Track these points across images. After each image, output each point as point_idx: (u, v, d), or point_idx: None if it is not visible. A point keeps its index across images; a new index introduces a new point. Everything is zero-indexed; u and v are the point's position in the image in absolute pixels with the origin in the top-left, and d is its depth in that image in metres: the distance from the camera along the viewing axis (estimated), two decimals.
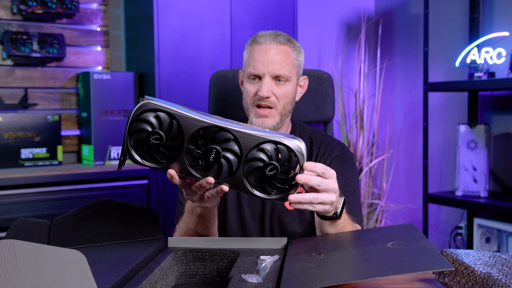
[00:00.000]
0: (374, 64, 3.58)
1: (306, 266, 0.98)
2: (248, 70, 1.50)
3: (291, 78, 1.51)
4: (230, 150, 1.07)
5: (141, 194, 2.64)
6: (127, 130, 1.07)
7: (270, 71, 1.47)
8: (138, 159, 1.09)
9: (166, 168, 1.09)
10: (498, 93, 2.94)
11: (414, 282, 1.08)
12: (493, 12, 2.95)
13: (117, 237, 1.21)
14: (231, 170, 1.08)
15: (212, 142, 1.07)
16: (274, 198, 1.10)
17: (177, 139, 1.07)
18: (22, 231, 1.18)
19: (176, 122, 1.06)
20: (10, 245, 0.77)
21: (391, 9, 3.59)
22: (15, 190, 2.36)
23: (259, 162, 1.07)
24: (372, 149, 3.44)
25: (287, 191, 1.09)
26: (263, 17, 2.96)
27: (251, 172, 1.08)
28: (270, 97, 1.47)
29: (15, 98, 2.77)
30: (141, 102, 1.07)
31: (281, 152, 1.08)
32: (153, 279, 1.02)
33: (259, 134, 1.07)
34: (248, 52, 1.52)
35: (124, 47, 3.08)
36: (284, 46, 1.50)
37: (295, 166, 1.08)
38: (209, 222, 1.31)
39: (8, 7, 2.73)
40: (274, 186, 1.09)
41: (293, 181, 1.09)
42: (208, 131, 1.07)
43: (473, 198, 2.78)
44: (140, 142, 1.08)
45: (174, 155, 1.08)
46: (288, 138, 1.08)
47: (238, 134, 1.07)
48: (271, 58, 1.47)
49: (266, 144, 1.07)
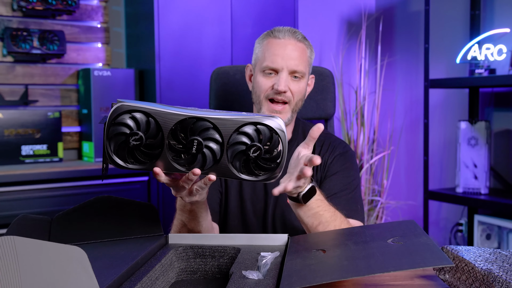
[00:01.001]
0: (375, 61, 3.57)
1: (307, 262, 0.98)
2: (264, 64, 1.49)
3: (305, 75, 1.52)
4: (211, 138, 1.07)
5: (141, 191, 2.64)
6: (105, 136, 1.06)
7: (289, 66, 1.47)
8: (121, 163, 1.08)
9: (150, 167, 1.08)
10: (499, 90, 2.93)
11: (415, 278, 1.08)
12: (494, 8, 2.95)
13: (117, 233, 1.22)
14: (215, 159, 1.08)
15: (192, 134, 1.06)
16: (262, 179, 1.10)
17: (156, 137, 1.06)
18: (22, 227, 1.18)
19: (153, 119, 1.06)
20: (11, 241, 0.77)
21: (392, 6, 3.59)
22: (16, 187, 2.36)
23: (242, 146, 1.07)
24: (372, 146, 3.44)
25: (274, 170, 1.10)
26: (264, 14, 2.95)
27: (235, 157, 1.08)
28: (287, 92, 1.47)
29: (15, 95, 2.77)
30: (115, 106, 1.06)
31: (262, 132, 1.08)
32: (154, 275, 1.02)
33: (237, 118, 1.07)
34: (263, 46, 1.52)
35: (124, 44, 3.08)
36: (301, 43, 1.51)
37: (278, 144, 1.09)
38: (200, 216, 1.31)
39: (8, 4, 2.73)
40: (260, 167, 1.09)
41: (278, 159, 1.09)
42: (186, 123, 1.06)
43: (474, 195, 2.78)
44: (121, 146, 1.07)
45: (156, 153, 1.07)
46: (266, 117, 1.08)
47: (217, 121, 1.07)
48: (289, 54, 1.47)
49: (245, 127, 1.07)
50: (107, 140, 1.07)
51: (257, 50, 1.54)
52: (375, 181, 3.47)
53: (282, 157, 1.09)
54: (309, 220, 1.29)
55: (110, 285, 0.89)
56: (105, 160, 1.09)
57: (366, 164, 3.34)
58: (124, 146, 1.07)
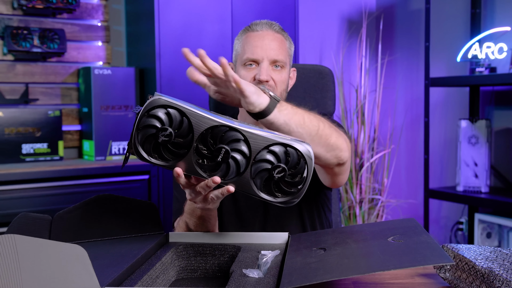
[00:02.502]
0: (375, 59, 3.57)
1: (307, 261, 0.98)
2: (245, 56, 1.50)
3: (286, 65, 1.52)
4: (239, 150, 1.06)
5: (142, 190, 2.64)
6: (135, 126, 1.06)
7: (269, 56, 1.48)
8: (145, 155, 1.07)
9: (172, 166, 1.07)
10: (500, 88, 2.93)
11: (415, 277, 1.08)
12: (495, 7, 2.94)
13: (118, 232, 1.22)
14: (239, 171, 1.07)
15: (221, 142, 1.06)
16: (279, 202, 1.09)
17: (186, 137, 1.06)
18: (23, 226, 1.18)
19: (186, 119, 1.05)
20: (11, 240, 0.77)
21: (392, 4, 3.58)
22: (16, 185, 2.36)
23: (268, 164, 1.07)
24: (373, 144, 3.44)
25: (294, 195, 1.09)
26: (264, 12, 2.95)
27: (258, 173, 1.07)
28: (269, 81, 1.47)
29: (16, 93, 2.77)
30: (152, 98, 1.05)
31: (290, 155, 1.07)
32: (154, 274, 1.02)
33: (269, 136, 1.07)
34: (242, 40, 1.53)
35: (125, 42, 3.08)
36: (279, 34, 1.52)
37: (303, 170, 1.07)
38: (209, 223, 1.30)
39: (8, 2, 2.73)
40: (280, 189, 1.08)
41: (299, 185, 1.08)
42: (218, 130, 1.06)
43: (474, 193, 2.78)
44: (148, 139, 1.06)
45: (181, 153, 1.07)
46: (297, 141, 1.08)
47: (248, 135, 1.06)
48: (268, 44, 1.48)
49: (275, 146, 1.07)
50: (136, 130, 1.06)
51: (237, 46, 1.56)
52: (375, 180, 3.47)
53: (304, 183, 1.08)
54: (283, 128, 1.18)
55: (111, 283, 0.89)
56: (130, 149, 1.08)
57: (366, 162, 3.34)
58: (151, 139, 1.06)
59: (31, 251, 0.78)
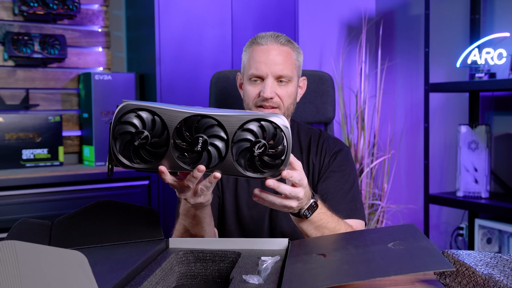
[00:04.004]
0: (375, 65, 3.58)
1: (307, 267, 0.98)
2: (250, 72, 1.49)
3: (293, 78, 1.51)
4: (216, 136, 1.07)
5: (142, 195, 2.64)
6: (111, 135, 1.07)
7: (273, 72, 1.47)
8: (126, 163, 1.08)
9: (156, 166, 1.08)
10: (499, 94, 2.93)
11: (415, 283, 1.08)
12: (494, 12, 2.95)
13: (118, 238, 1.22)
14: (221, 156, 1.08)
15: (197, 132, 1.07)
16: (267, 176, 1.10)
17: (162, 135, 1.07)
18: (23, 232, 1.18)
19: (158, 118, 1.06)
20: (11, 246, 0.77)
21: (392, 10, 3.59)
22: (16, 191, 2.36)
23: (247, 143, 1.08)
24: (373, 149, 3.44)
25: (279, 166, 1.10)
26: (264, 18, 2.96)
27: (240, 154, 1.08)
28: (274, 97, 1.47)
29: (16, 99, 2.78)
30: (121, 105, 1.06)
31: (266, 129, 1.08)
32: (154, 280, 1.02)
33: (242, 114, 1.08)
34: (248, 53, 1.52)
35: (125, 48, 3.08)
36: (285, 46, 1.50)
37: (282, 140, 1.09)
38: (204, 222, 1.30)
39: (9, 8, 2.73)
40: (265, 164, 1.10)
41: (282, 155, 1.09)
42: (191, 121, 1.07)
43: (474, 198, 2.78)
44: (126, 145, 1.07)
45: (161, 152, 1.08)
46: (269, 114, 1.10)
47: (221, 118, 1.07)
48: (273, 59, 1.47)
49: (250, 124, 1.08)
50: (113, 139, 1.07)
51: (244, 58, 1.55)
52: (375, 185, 3.47)
53: (286, 153, 1.10)
54: (313, 232, 1.28)
55: None
56: (111, 161, 1.09)
57: (366, 168, 3.34)
58: (129, 145, 1.07)
59: (31, 257, 0.78)
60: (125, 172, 2.57)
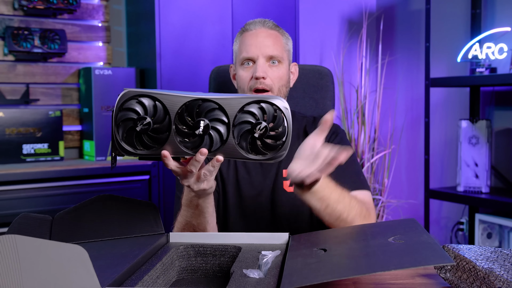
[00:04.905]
0: (376, 60, 3.57)
1: (308, 261, 0.98)
2: (241, 56, 1.54)
3: (283, 60, 1.55)
4: (217, 119, 1.08)
5: (142, 190, 2.64)
6: (113, 122, 1.07)
7: (264, 53, 1.51)
8: (129, 149, 1.08)
9: (158, 152, 1.09)
10: (500, 89, 2.93)
11: (416, 277, 1.08)
12: (495, 7, 2.94)
13: (118, 232, 1.22)
14: (222, 139, 1.09)
15: (198, 116, 1.07)
16: (269, 158, 1.11)
17: (163, 121, 1.07)
18: (23, 226, 1.18)
19: (160, 103, 1.07)
20: (12, 240, 0.77)
21: (393, 5, 3.58)
22: (17, 186, 2.36)
23: (247, 125, 1.09)
24: (373, 144, 3.44)
25: (280, 147, 1.11)
26: (265, 13, 2.95)
27: (241, 136, 1.09)
28: (266, 78, 1.50)
29: (16, 94, 2.78)
30: (122, 92, 1.07)
31: (266, 110, 1.09)
32: (155, 274, 1.02)
33: (242, 97, 1.09)
34: (239, 41, 1.58)
35: (125, 43, 3.08)
36: (273, 30, 1.56)
37: (282, 121, 1.10)
38: (207, 212, 1.30)
39: (9, 3, 2.73)
40: (266, 145, 1.10)
41: (283, 136, 1.10)
42: (192, 105, 1.07)
43: (475, 193, 2.78)
44: (129, 132, 1.08)
45: (164, 138, 1.08)
46: (269, 96, 1.10)
47: (222, 101, 1.08)
48: (262, 41, 1.52)
49: (250, 106, 1.09)
50: (115, 126, 1.07)
51: (235, 47, 1.60)
52: (376, 180, 3.47)
53: (287, 134, 1.11)
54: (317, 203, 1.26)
55: (111, 283, 0.89)
56: (114, 149, 1.09)
57: (367, 162, 3.34)
58: (132, 131, 1.08)
59: (32, 252, 0.78)
60: (125, 167, 2.57)
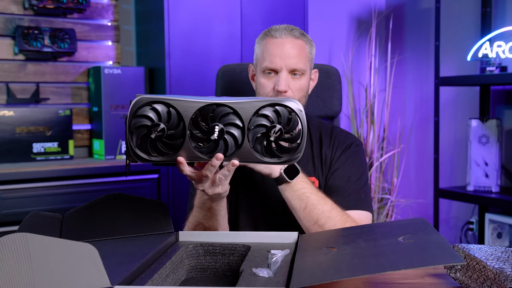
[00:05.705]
0: (385, 59, 3.56)
1: (317, 260, 0.98)
2: (263, 65, 1.49)
3: (306, 71, 1.51)
4: (232, 124, 1.08)
5: (151, 188, 2.65)
6: (127, 130, 1.06)
7: (287, 65, 1.47)
8: (144, 156, 1.08)
9: (173, 159, 1.09)
10: (510, 88, 2.91)
11: (425, 277, 1.08)
12: (505, 6, 2.93)
13: (128, 231, 1.22)
14: (237, 144, 1.09)
15: (212, 121, 1.07)
16: (284, 161, 1.11)
17: (178, 127, 1.07)
18: (34, 224, 1.19)
19: (173, 109, 1.06)
20: (23, 238, 0.77)
21: (402, 3, 3.57)
22: (27, 184, 2.38)
23: (263, 128, 1.08)
24: (382, 144, 3.43)
25: (295, 150, 1.10)
26: (274, 12, 2.95)
27: (256, 140, 1.09)
28: (287, 91, 1.47)
29: (27, 93, 2.79)
30: (135, 99, 1.06)
31: (281, 113, 1.09)
32: (164, 273, 1.02)
33: (256, 100, 1.08)
34: (262, 46, 1.52)
35: (134, 42, 3.09)
36: (299, 40, 1.50)
37: (297, 124, 1.09)
38: (219, 215, 1.31)
39: (20, 2, 2.74)
40: (281, 148, 1.10)
41: (298, 139, 1.10)
42: (206, 110, 1.07)
43: (485, 193, 2.77)
44: (143, 139, 1.07)
45: (178, 144, 1.08)
46: (283, 98, 1.10)
47: (236, 106, 1.07)
48: (287, 52, 1.47)
49: (264, 109, 1.08)
50: (129, 134, 1.07)
51: (257, 50, 1.55)
52: (385, 179, 3.46)
53: (302, 136, 1.10)
54: (296, 202, 1.35)
55: (121, 282, 0.89)
56: (128, 156, 1.09)
57: (376, 162, 3.33)
58: (146, 138, 1.07)
59: (43, 250, 0.78)
60: (134, 166, 2.58)
